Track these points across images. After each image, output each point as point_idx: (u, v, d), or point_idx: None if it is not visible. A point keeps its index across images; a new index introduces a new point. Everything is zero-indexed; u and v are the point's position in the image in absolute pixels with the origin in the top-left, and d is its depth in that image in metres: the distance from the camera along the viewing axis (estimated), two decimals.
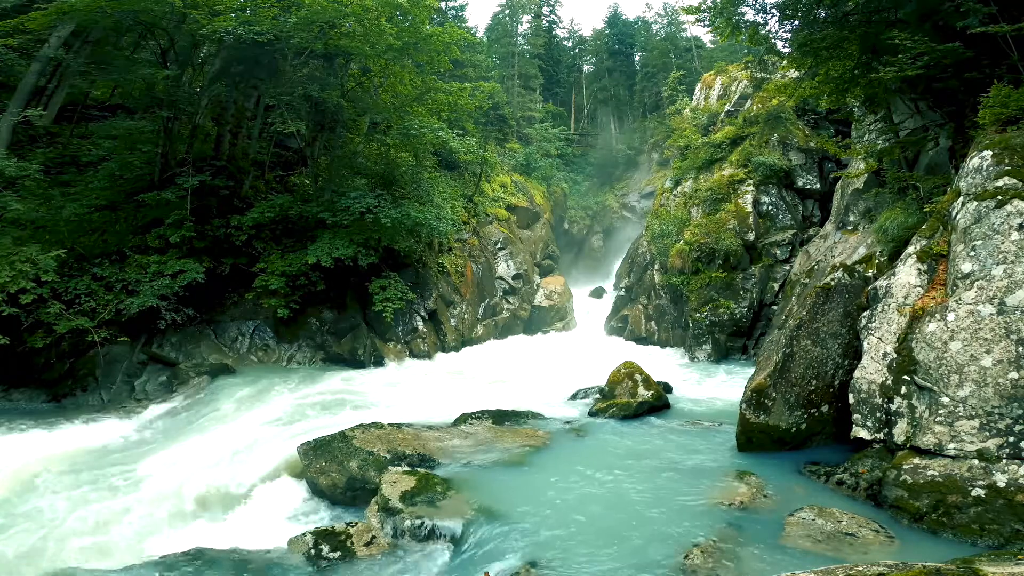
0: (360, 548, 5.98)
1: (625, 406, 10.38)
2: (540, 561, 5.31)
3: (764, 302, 17.23)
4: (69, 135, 14.83)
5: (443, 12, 33.36)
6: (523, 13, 45.70)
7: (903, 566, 3.69)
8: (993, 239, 6.33)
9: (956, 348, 6.27)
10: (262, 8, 13.90)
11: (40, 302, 11.06)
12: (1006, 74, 8.10)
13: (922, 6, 8.90)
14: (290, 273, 14.29)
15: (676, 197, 21.45)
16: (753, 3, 12.01)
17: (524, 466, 7.76)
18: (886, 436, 6.72)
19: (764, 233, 18.09)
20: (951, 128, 9.85)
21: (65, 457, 8.72)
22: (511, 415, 9.96)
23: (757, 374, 8.39)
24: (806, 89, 12.60)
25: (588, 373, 13.19)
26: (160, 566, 5.81)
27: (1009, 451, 5.77)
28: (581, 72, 52.37)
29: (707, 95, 26.10)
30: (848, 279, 8.39)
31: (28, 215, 11.71)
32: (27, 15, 12.08)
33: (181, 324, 13.40)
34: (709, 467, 7.63)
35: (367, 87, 17.79)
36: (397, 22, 15.77)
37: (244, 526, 6.99)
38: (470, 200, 23.10)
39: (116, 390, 12.20)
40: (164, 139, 14.24)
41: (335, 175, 16.28)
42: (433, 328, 18.23)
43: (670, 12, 47.33)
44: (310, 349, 15.04)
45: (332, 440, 8.04)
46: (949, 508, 5.74)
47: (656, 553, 5.41)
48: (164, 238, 13.42)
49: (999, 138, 7.01)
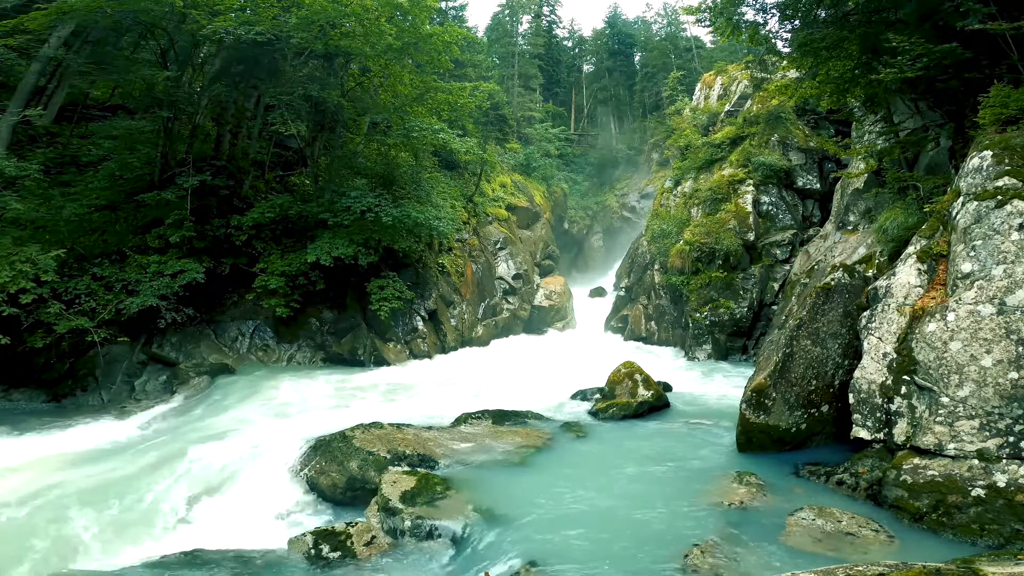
0: (360, 548, 5.97)
1: (625, 406, 10.38)
2: (540, 561, 5.30)
3: (764, 302, 17.23)
4: (69, 135, 14.83)
5: (443, 12, 33.37)
6: (523, 13, 45.74)
7: (903, 566, 3.68)
8: (993, 239, 6.33)
9: (956, 348, 6.27)
10: (262, 8, 13.89)
11: (40, 302, 11.06)
12: (1006, 74, 8.10)
13: (921, 6, 8.90)
14: (290, 273, 14.29)
15: (676, 197, 21.45)
16: (753, 3, 12.02)
17: (524, 466, 7.76)
18: (886, 436, 6.72)
19: (764, 233, 18.09)
20: (951, 128, 9.85)
21: (65, 457, 8.71)
22: (511, 415, 9.96)
23: (757, 374, 8.39)
24: (806, 89, 12.60)
25: (588, 373, 13.18)
26: (160, 566, 5.81)
27: (1009, 451, 5.77)
28: (581, 72, 52.41)
29: (707, 95, 26.11)
30: (848, 279, 8.39)
31: (28, 215, 11.71)
32: (27, 15, 12.08)
33: (181, 324, 13.41)
34: (709, 467, 7.62)
35: (367, 87, 17.79)
36: (397, 22, 15.77)
37: (244, 526, 6.98)
38: (470, 200, 23.10)
39: (116, 390, 12.20)
40: (164, 139, 14.24)
41: (335, 175, 16.28)
42: (433, 328, 18.23)
43: (670, 12, 47.45)
44: (310, 349, 15.05)
45: (332, 440, 8.04)
46: (949, 508, 5.74)
47: (656, 553, 5.41)
48: (164, 238, 13.42)
49: (999, 138, 7.01)
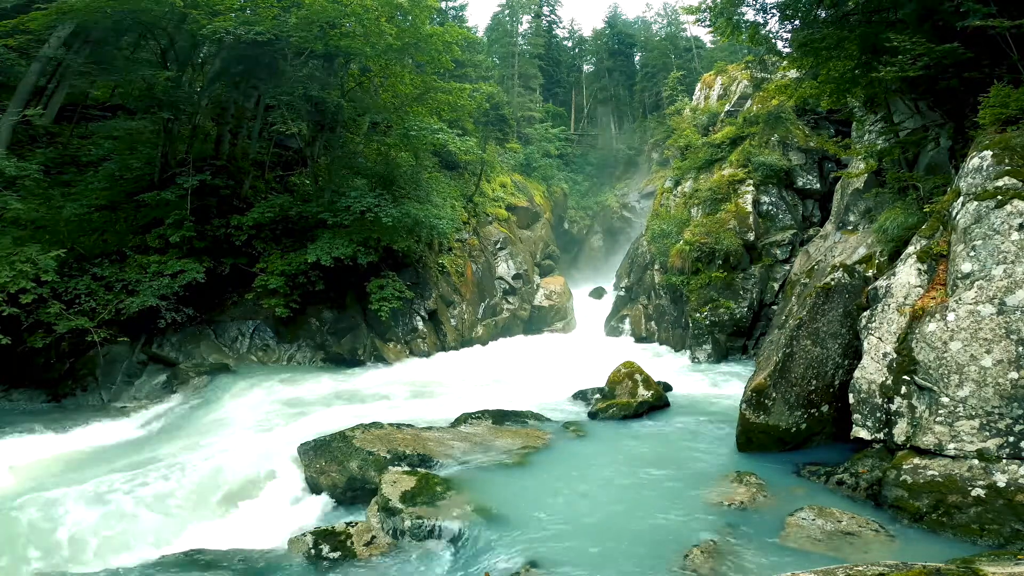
0: (360, 548, 5.97)
1: (625, 406, 10.38)
2: (540, 561, 5.30)
3: (764, 302, 17.22)
4: (69, 135, 14.84)
5: (443, 12, 33.37)
6: (523, 13, 45.68)
7: (903, 566, 3.68)
8: (993, 239, 6.33)
9: (956, 348, 6.27)
10: (262, 8, 13.90)
11: (40, 302, 11.07)
12: (1006, 74, 8.09)
13: (921, 6, 8.90)
14: (290, 273, 14.29)
15: (676, 197, 21.45)
16: (753, 3, 12.01)
17: (524, 466, 7.76)
18: (886, 436, 6.71)
19: (764, 233, 18.08)
20: (951, 128, 9.85)
21: (65, 457, 8.72)
22: (511, 415, 9.96)
23: (757, 374, 8.39)
24: (806, 89, 12.60)
25: (588, 373, 13.18)
26: (160, 566, 5.82)
27: (1009, 451, 5.77)
28: (581, 72, 52.35)
29: (707, 95, 26.10)
30: (848, 279, 8.38)
31: (28, 215, 11.72)
32: (27, 15, 12.09)
33: (181, 324, 13.41)
34: (709, 467, 7.63)
35: (367, 87, 17.80)
36: (397, 22, 15.77)
37: (244, 526, 6.98)
38: (470, 200, 23.11)
39: (116, 390, 12.20)
40: (164, 139, 14.25)
41: (335, 175, 16.28)
42: (433, 328, 18.22)
43: (670, 12, 47.42)
44: (310, 349, 15.04)
45: (332, 440, 8.03)
46: (949, 508, 5.74)
47: (656, 553, 5.41)
48: (164, 238, 13.42)
49: (999, 138, 7.01)
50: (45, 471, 8.07)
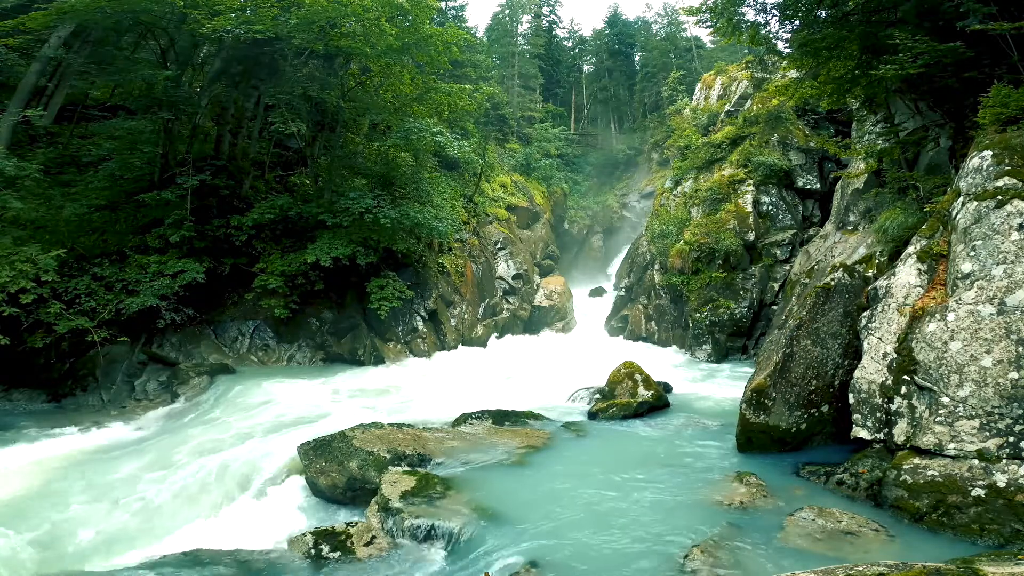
0: (360, 548, 5.97)
1: (625, 406, 10.38)
2: (540, 561, 5.30)
3: (764, 302, 17.23)
4: (69, 135, 14.83)
5: (443, 12, 33.36)
6: (523, 13, 45.68)
7: (903, 566, 3.68)
8: (993, 239, 6.33)
9: (956, 348, 6.27)
10: (262, 8, 13.89)
11: (40, 302, 11.06)
12: (1006, 74, 8.09)
13: (921, 5, 8.90)
14: (289, 273, 14.29)
15: (676, 197, 21.47)
16: (753, 3, 12.00)
17: (524, 466, 7.76)
18: (886, 436, 6.71)
19: (764, 233, 18.09)
20: (951, 128, 9.85)
21: (65, 457, 8.72)
22: (511, 415, 9.96)
23: (757, 374, 8.39)
24: (806, 89, 12.59)
25: (588, 373, 13.18)
26: (160, 566, 5.81)
27: (1009, 451, 5.77)
28: (581, 72, 52.35)
29: (707, 95, 26.11)
30: (848, 279, 8.39)
31: (28, 215, 11.70)
32: (27, 15, 12.09)
33: (181, 324, 13.40)
34: (709, 467, 7.62)
35: (367, 87, 17.80)
36: (397, 22, 15.76)
37: (244, 526, 6.98)
38: (470, 200, 23.11)
39: (116, 390, 12.19)
40: (164, 139, 14.24)
41: (335, 175, 16.28)
42: (433, 328, 18.22)
43: (670, 12, 47.32)
44: (310, 349, 15.04)
45: (332, 440, 8.03)
46: (949, 508, 5.74)
47: (656, 553, 5.41)
48: (164, 238, 13.42)
49: (999, 138, 7.01)
50: (45, 471, 8.06)
